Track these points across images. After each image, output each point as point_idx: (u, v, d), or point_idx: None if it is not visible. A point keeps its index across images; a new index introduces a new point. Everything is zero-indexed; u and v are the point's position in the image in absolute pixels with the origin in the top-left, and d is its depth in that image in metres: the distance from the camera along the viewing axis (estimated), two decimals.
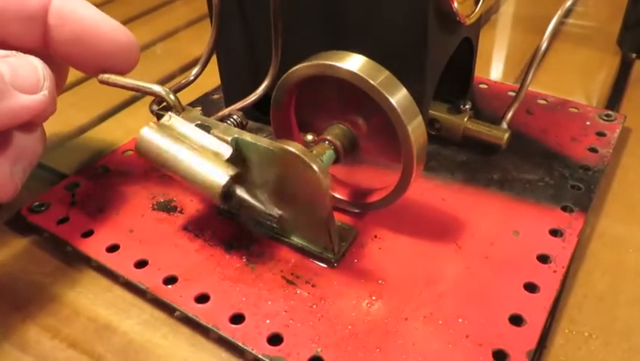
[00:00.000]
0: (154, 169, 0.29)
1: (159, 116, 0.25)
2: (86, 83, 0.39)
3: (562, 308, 0.22)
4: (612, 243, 0.25)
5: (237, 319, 0.21)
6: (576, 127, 0.31)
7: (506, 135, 0.28)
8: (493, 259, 0.23)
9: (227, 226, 0.26)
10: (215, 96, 0.36)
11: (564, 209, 0.26)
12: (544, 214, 0.25)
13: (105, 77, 0.25)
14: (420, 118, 0.22)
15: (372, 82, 0.21)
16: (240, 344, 0.20)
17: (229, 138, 0.23)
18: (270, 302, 0.22)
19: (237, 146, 0.23)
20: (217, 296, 0.22)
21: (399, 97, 0.22)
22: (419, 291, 0.22)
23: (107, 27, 0.24)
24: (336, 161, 0.23)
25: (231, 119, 0.25)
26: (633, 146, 0.31)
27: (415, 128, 0.22)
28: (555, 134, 0.30)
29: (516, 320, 0.21)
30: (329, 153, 0.23)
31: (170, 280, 0.23)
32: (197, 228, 0.26)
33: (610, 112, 0.32)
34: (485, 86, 0.35)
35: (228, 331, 0.21)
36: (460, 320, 0.21)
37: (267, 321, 0.21)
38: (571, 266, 0.24)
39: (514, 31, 0.47)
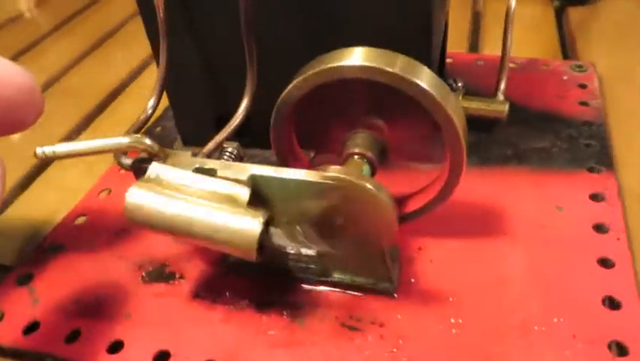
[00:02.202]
0: (122, 231, 0.24)
1: (139, 170, 0.20)
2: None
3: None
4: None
5: None
6: (556, 84, 0.30)
7: (506, 107, 0.26)
8: (552, 243, 0.21)
9: (246, 280, 0.21)
10: (158, 129, 0.31)
11: (591, 170, 0.24)
12: (574, 180, 0.24)
13: (46, 150, 0.19)
14: (454, 96, 0.19)
15: (391, 70, 0.18)
16: None
17: (244, 178, 0.18)
18: (334, 359, 0.18)
19: (256, 184, 0.19)
20: None
21: (426, 78, 0.19)
22: (497, 298, 0.20)
23: None
24: (372, 175, 0.20)
25: (227, 154, 0.20)
26: (613, 93, 0.30)
27: (455, 109, 0.19)
28: (540, 95, 0.29)
29: (611, 303, 0.19)
30: (366, 169, 0.19)
31: None
32: (211, 292, 0.21)
33: (580, 63, 0.31)
34: (450, 60, 0.33)
35: None
36: (556, 320, 0.19)
37: None
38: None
39: None
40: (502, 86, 0.27)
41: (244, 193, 0.18)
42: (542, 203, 0.23)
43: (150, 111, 0.23)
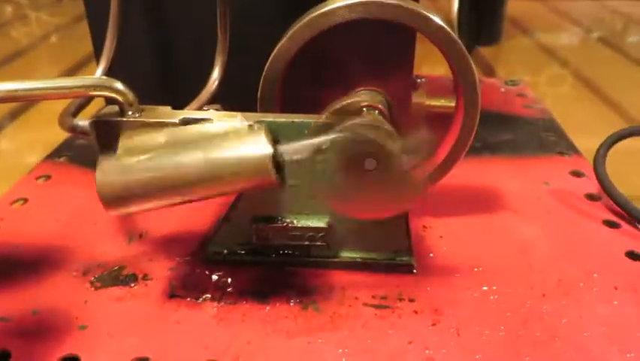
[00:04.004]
0: (52, 241, 0.19)
1: (103, 128, 0.15)
2: None
3: None
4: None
5: None
6: (498, 95, 0.31)
7: None
8: (553, 212, 0.21)
9: (233, 271, 0.17)
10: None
11: (561, 154, 0.25)
12: (550, 163, 0.24)
13: None
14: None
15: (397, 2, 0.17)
16: None
17: (252, 123, 0.15)
18: (369, 340, 0.15)
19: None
20: None
21: (437, 16, 0.18)
22: (524, 263, 0.18)
23: None
24: None
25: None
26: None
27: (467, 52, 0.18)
28: (488, 102, 0.30)
29: (635, 256, 0.18)
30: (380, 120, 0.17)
31: None
32: (190, 289, 0.17)
33: (513, 79, 0.33)
34: None
35: None
36: (596, 275, 0.17)
37: None
38: None
39: None
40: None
41: (241, 123, 0.15)
42: (528, 181, 0.22)
43: None
